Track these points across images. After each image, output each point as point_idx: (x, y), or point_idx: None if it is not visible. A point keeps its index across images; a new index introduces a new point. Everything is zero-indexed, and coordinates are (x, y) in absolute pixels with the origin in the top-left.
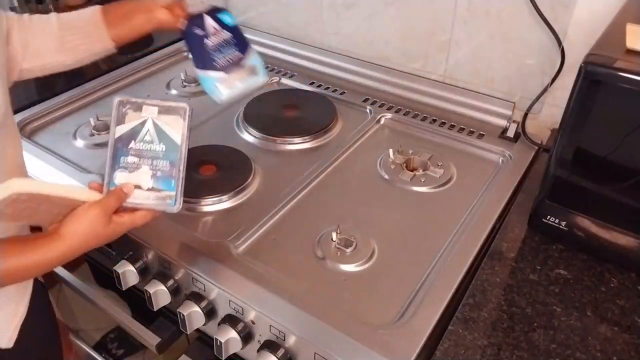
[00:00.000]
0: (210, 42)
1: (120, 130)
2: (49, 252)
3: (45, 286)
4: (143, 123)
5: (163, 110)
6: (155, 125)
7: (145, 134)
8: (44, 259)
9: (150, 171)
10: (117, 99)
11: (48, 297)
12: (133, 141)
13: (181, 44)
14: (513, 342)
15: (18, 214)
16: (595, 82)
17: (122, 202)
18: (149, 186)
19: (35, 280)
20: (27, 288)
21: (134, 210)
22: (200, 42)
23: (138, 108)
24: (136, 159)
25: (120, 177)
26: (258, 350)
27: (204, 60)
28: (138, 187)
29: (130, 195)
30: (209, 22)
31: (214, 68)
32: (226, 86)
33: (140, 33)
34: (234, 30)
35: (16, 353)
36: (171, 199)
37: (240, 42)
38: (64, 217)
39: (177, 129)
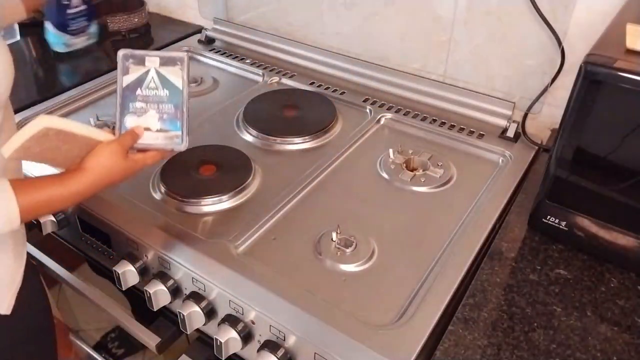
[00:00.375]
0: (71, 11)
1: (126, 80)
2: (75, 184)
3: (33, 264)
4: (147, 72)
5: (163, 62)
6: (158, 73)
7: (150, 81)
8: (71, 191)
9: (157, 114)
10: (121, 53)
11: (38, 273)
12: (139, 89)
13: (181, 45)
14: (513, 342)
15: (43, 154)
16: (595, 82)
17: (136, 141)
18: (157, 128)
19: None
20: (22, 258)
21: (145, 151)
22: (63, 10)
23: (140, 61)
24: (143, 104)
25: (130, 121)
26: (258, 350)
27: (61, 23)
28: (147, 129)
29: (142, 136)
30: None
31: (67, 32)
32: (69, 45)
33: (42, 4)
34: (89, 2)
35: (13, 320)
36: (178, 138)
37: (90, 13)
38: (82, 160)
39: (177, 76)
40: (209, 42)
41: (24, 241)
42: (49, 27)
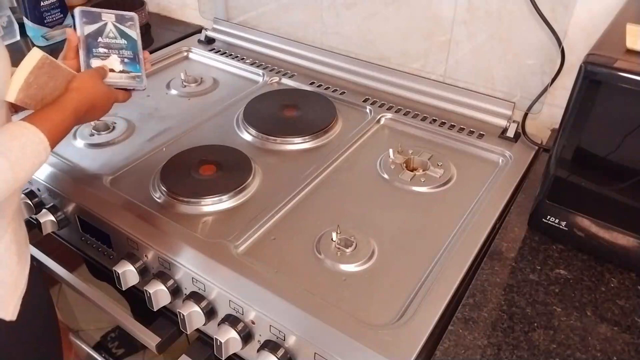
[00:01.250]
0: (45, 3)
1: (87, 29)
2: (70, 104)
3: (37, 267)
4: (105, 25)
5: (117, 19)
6: (115, 26)
7: (109, 32)
8: (71, 109)
9: (119, 58)
10: (78, 9)
11: (42, 277)
12: (100, 37)
13: (181, 45)
14: (513, 342)
15: (36, 94)
16: (595, 82)
17: (104, 75)
18: (120, 69)
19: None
20: (26, 261)
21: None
22: (37, 2)
23: (97, 18)
24: (106, 50)
25: (96, 63)
26: (258, 350)
27: (37, 16)
28: (112, 70)
29: (107, 74)
30: None
31: (45, 25)
32: (48, 38)
33: None
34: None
35: (18, 325)
36: (139, 79)
37: (62, 5)
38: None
39: (131, 30)
40: (209, 42)
41: (26, 242)
42: (27, 22)
